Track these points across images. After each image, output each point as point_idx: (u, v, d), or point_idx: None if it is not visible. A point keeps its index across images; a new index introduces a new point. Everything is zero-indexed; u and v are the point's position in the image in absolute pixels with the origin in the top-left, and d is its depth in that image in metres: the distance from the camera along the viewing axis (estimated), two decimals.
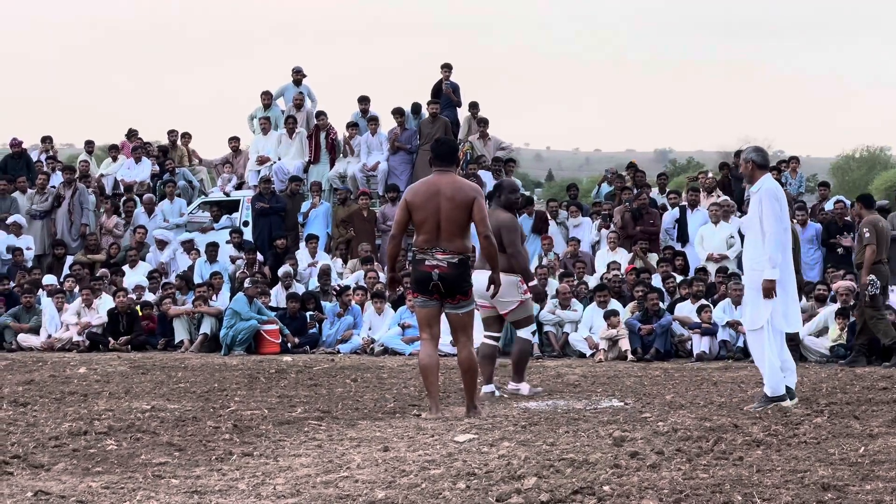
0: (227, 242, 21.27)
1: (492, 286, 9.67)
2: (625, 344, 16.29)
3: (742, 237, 15.30)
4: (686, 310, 16.76)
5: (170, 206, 22.60)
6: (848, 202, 20.98)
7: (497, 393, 11.25)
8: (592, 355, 16.40)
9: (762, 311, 9.81)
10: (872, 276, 14.51)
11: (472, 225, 9.41)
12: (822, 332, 15.75)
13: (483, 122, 23.34)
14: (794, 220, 15.81)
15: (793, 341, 14.57)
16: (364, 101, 23.67)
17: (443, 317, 9.61)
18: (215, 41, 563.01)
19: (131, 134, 25.05)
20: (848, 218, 19.76)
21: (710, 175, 22.58)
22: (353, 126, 23.23)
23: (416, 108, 23.26)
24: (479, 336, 10.88)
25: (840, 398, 10.33)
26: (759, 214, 9.86)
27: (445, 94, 23.22)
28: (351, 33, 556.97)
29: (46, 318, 18.59)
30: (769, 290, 9.71)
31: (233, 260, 20.62)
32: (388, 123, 23.39)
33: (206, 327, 18.03)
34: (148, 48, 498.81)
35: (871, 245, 14.46)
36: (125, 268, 20.58)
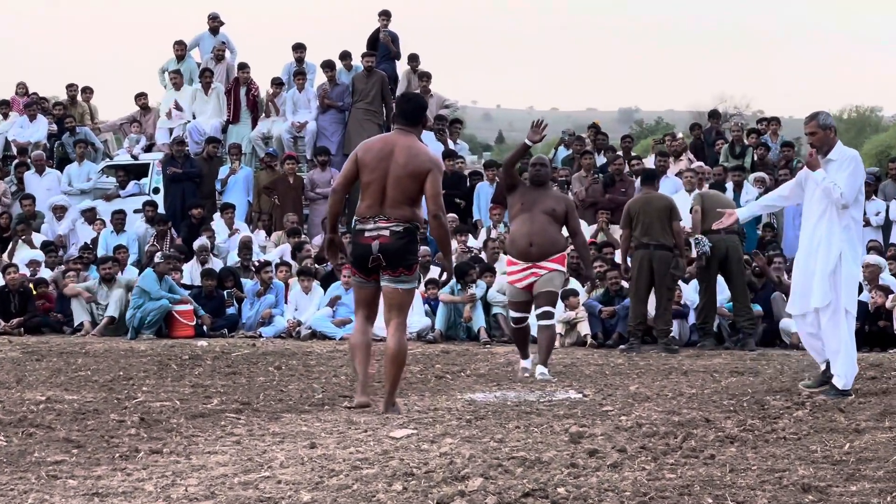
0: (136, 212, 21.13)
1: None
2: (584, 328, 16.33)
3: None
4: None
5: (77, 170, 22.39)
6: None
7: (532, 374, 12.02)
8: None
9: (826, 288, 10.05)
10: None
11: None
12: None
13: (425, 77, 23.26)
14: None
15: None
16: (299, 48, 23.38)
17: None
18: None
19: (22, 88, 24.80)
20: None
21: (679, 136, 22.58)
22: (278, 84, 23.03)
23: (344, 55, 23.07)
24: (417, 321, 10.73)
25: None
26: (842, 183, 9.94)
27: (383, 44, 23.11)
28: None
29: None
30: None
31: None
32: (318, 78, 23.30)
33: (112, 308, 17.91)
34: None
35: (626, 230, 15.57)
36: (20, 241, 20.31)
